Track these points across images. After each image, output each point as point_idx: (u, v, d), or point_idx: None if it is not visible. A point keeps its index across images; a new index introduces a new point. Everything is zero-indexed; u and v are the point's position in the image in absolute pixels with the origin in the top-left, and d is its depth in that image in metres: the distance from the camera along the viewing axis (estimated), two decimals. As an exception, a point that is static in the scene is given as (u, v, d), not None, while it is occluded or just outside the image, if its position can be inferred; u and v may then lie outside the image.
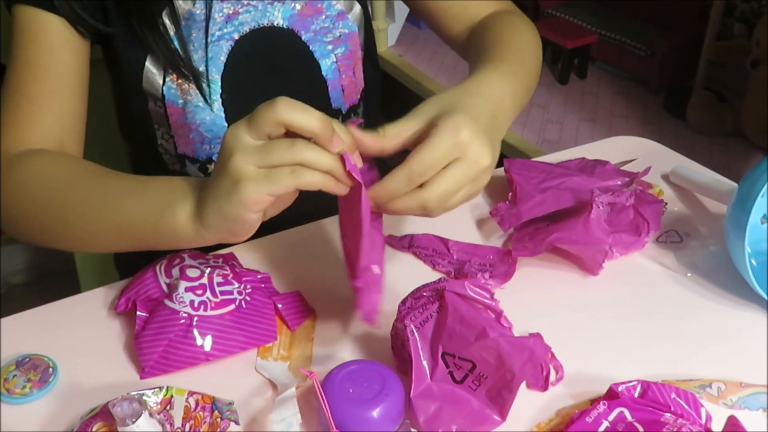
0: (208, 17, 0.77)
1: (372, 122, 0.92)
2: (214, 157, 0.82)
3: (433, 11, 0.87)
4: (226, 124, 0.80)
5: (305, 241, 0.76)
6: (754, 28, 1.70)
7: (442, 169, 0.55)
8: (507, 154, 1.76)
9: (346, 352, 0.61)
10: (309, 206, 0.84)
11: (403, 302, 0.58)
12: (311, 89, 0.84)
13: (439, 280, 0.58)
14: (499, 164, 0.83)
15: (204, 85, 0.78)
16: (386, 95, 0.95)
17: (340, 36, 0.84)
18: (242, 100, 0.80)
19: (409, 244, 0.74)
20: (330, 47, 0.84)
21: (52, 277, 1.90)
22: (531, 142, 1.77)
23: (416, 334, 0.55)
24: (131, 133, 0.90)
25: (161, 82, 0.78)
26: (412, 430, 0.54)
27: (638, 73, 1.97)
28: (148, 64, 0.78)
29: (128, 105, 0.85)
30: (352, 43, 0.86)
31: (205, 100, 0.79)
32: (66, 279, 1.85)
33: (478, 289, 0.56)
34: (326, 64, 0.84)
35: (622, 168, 0.82)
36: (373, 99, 0.93)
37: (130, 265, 0.93)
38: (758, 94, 1.64)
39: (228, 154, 0.52)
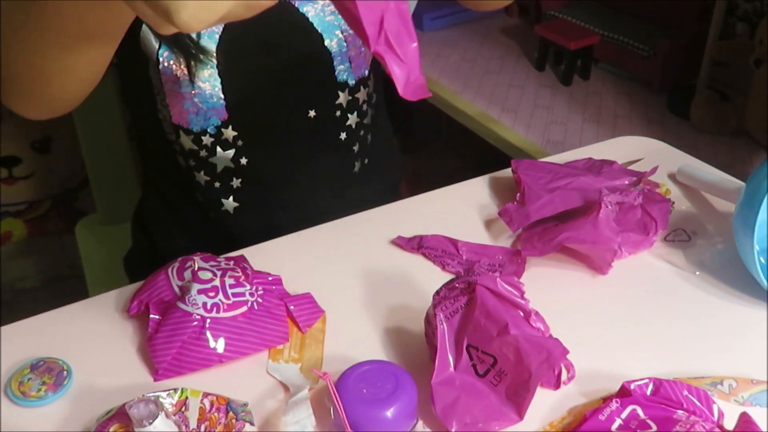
0: None
1: (379, 97, 0.91)
2: (208, 129, 0.79)
3: None
4: (222, 96, 0.77)
5: (315, 243, 0.76)
6: (756, 27, 1.70)
7: None
8: (512, 155, 1.76)
9: (357, 354, 0.62)
10: (319, 208, 0.85)
11: (438, 292, 0.59)
12: (311, 60, 0.81)
13: (475, 272, 0.59)
14: (507, 165, 0.84)
15: (192, 51, 0.74)
16: (389, 98, 0.95)
17: None
18: (237, 71, 0.78)
19: (418, 245, 0.75)
20: (332, 18, 0.79)
21: (57, 282, 1.90)
22: (536, 144, 1.77)
23: (444, 323, 0.57)
24: (133, 99, 0.88)
25: (157, 46, 0.75)
26: (427, 429, 0.55)
27: (641, 73, 1.97)
28: (146, 26, 0.75)
29: (130, 69, 0.82)
30: None
31: (190, 72, 0.75)
32: (72, 284, 1.86)
33: (508, 286, 0.56)
34: (331, 36, 0.80)
35: (629, 168, 0.83)
36: (381, 71, 0.91)
37: (139, 268, 0.93)
38: (762, 93, 1.64)
39: None
